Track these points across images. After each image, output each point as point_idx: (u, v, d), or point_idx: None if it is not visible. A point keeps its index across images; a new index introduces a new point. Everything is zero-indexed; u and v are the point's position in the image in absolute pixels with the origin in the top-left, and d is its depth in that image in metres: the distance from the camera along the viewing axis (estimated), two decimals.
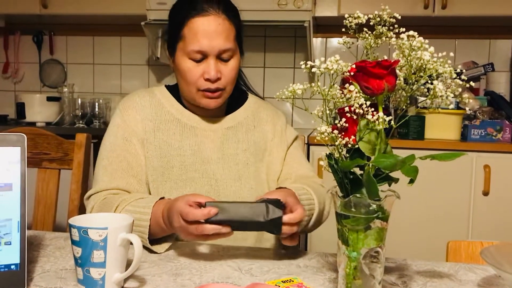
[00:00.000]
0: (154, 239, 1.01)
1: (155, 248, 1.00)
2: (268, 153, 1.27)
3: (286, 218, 0.91)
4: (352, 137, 0.69)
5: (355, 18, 0.75)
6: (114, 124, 1.21)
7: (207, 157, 1.20)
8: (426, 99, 0.71)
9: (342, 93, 0.70)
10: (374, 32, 0.75)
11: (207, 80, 1.14)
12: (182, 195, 0.97)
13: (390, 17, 0.74)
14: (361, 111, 0.68)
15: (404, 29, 0.71)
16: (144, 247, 1.00)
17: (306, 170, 1.28)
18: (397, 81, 0.70)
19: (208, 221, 0.89)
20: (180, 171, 1.18)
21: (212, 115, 1.24)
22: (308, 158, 2.34)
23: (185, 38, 1.14)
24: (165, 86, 1.29)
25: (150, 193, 1.18)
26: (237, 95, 1.30)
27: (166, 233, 1.02)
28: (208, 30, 1.13)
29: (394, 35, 0.73)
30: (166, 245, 1.02)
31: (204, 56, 1.14)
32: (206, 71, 1.14)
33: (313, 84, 0.71)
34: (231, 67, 1.17)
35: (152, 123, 1.20)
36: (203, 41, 1.12)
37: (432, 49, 0.69)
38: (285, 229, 0.92)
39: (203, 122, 1.23)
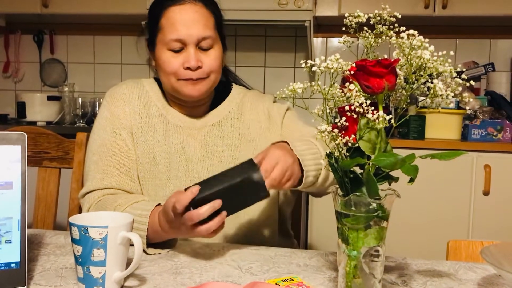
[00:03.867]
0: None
1: (152, 250, 0.99)
2: (261, 141, 1.23)
3: (262, 169, 0.92)
4: (352, 136, 0.69)
5: (355, 17, 0.75)
6: (102, 116, 1.19)
7: (190, 155, 1.18)
8: (426, 98, 0.71)
9: (342, 92, 0.70)
10: (374, 31, 0.75)
11: (188, 69, 1.12)
12: (168, 199, 0.95)
13: (391, 16, 0.74)
14: (361, 110, 0.68)
15: (404, 28, 0.71)
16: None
17: (308, 135, 1.19)
18: (397, 80, 0.70)
19: (194, 202, 0.89)
20: (165, 168, 1.17)
21: (197, 113, 1.22)
22: None
23: (163, 29, 1.13)
24: (154, 78, 1.27)
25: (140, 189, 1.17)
26: (221, 89, 1.27)
27: (163, 239, 1.01)
28: (185, 18, 1.11)
29: (395, 34, 0.73)
30: (157, 250, 1.00)
31: (183, 45, 1.12)
32: (186, 60, 1.12)
33: (313, 83, 0.71)
34: (213, 56, 1.14)
35: (139, 117, 1.18)
36: (181, 29, 1.11)
37: (432, 48, 0.69)
38: (270, 183, 0.93)
39: (187, 120, 1.21)
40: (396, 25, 0.74)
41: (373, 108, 0.68)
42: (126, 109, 1.19)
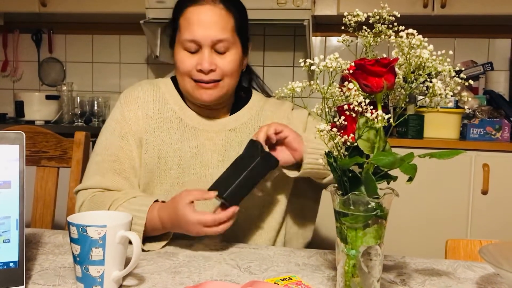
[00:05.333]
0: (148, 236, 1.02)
1: (147, 246, 1.00)
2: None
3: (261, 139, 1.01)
4: (351, 135, 0.69)
5: (354, 16, 0.75)
6: (114, 118, 1.18)
7: (206, 160, 1.16)
8: (425, 98, 0.71)
9: (341, 91, 0.70)
10: (373, 30, 0.75)
11: (200, 71, 1.10)
12: (177, 198, 0.98)
13: (390, 15, 0.74)
14: (360, 109, 0.68)
15: (403, 27, 0.71)
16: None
17: None
18: (396, 79, 0.70)
19: (225, 198, 0.98)
20: (178, 173, 1.15)
21: (216, 116, 1.20)
22: None
23: (180, 28, 1.12)
24: (172, 78, 1.24)
25: None
26: (242, 94, 1.26)
27: (159, 233, 1.02)
28: (202, 20, 1.10)
29: (393, 33, 0.73)
30: (161, 244, 1.01)
31: (198, 47, 1.11)
32: (199, 62, 1.10)
33: (312, 82, 0.71)
34: (228, 60, 1.12)
35: (153, 121, 1.17)
36: (197, 31, 1.09)
37: (431, 47, 0.68)
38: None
39: (205, 123, 1.19)
40: (395, 24, 0.73)
41: (372, 107, 0.68)
42: (139, 113, 1.17)
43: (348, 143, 0.69)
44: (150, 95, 1.19)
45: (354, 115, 0.69)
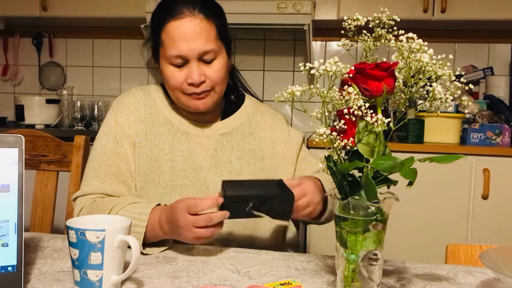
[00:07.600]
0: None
1: (147, 250, 1.00)
2: (269, 160, 1.22)
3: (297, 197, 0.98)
4: (351, 139, 0.69)
5: (354, 21, 0.75)
6: (107, 125, 1.19)
7: (199, 163, 1.17)
8: (425, 102, 0.71)
9: (341, 95, 0.70)
10: (373, 35, 0.75)
11: (191, 84, 1.11)
12: (179, 200, 0.97)
13: (389, 20, 0.74)
14: (360, 113, 0.67)
15: (403, 31, 0.71)
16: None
17: (315, 168, 1.24)
18: (396, 83, 0.70)
19: (225, 196, 0.93)
20: (171, 176, 1.15)
21: (207, 120, 1.21)
22: None
23: (164, 43, 1.12)
24: (162, 84, 1.25)
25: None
26: (233, 99, 1.26)
27: (160, 239, 1.02)
28: (184, 33, 1.09)
29: (393, 38, 0.73)
30: (158, 249, 1.01)
31: (185, 60, 1.11)
32: (189, 75, 1.11)
33: (312, 86, 0.70)
34: (216, 68, 1.13)
35: (144, 125, 1.17)
36: (181, 45, 1.09)
37: (431, 51, 0.68)
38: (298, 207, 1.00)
39: (196, 128, 1.20)
40: (395, 28, 0.73)
41: (371, 111, 0.68)
42: (131, 117, 1.18)
43: (348, 147, 0.69)
44: (141, 100, 1.20)
45: (354, 119, 0.69)
